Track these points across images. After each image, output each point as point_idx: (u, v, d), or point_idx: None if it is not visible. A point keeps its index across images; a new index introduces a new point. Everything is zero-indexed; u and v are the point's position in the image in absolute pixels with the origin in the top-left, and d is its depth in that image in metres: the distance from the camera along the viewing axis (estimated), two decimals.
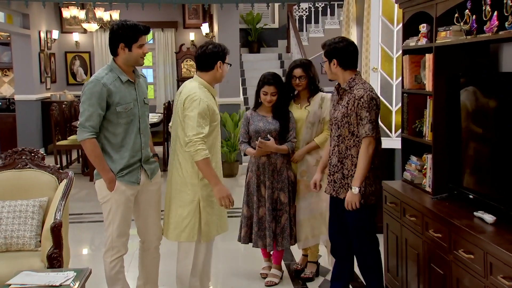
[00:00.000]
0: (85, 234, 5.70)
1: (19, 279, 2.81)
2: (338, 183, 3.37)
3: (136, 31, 3.22)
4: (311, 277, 4.22)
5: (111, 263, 3.37)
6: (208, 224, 3.41)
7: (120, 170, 3.27)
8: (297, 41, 10.06)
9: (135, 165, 3.33)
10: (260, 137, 3.99)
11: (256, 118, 4.11)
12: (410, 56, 3.70)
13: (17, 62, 9.77)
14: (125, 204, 3.31)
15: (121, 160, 3.27)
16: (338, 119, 3.35)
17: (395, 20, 5.23)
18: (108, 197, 3.30)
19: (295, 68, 4.09)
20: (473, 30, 2.96)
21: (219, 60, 3.39)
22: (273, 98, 4.01)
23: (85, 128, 3.18)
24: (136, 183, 3.34)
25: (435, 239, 3.05)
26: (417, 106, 3.67)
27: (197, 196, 3.36)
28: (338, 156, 3.37)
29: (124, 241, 3.38)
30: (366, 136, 3.23)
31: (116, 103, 3.20)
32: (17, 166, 3.75)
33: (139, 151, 3.34)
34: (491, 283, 2.48)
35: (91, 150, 3.22)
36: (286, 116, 4.04)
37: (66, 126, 9.23)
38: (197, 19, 11.75)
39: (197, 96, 3.27)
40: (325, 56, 3.39)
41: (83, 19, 9.32)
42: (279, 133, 4.02)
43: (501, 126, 2.82)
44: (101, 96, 3.15)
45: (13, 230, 3.45)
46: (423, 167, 3.61)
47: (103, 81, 3.18)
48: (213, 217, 3.44)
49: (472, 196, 3.08)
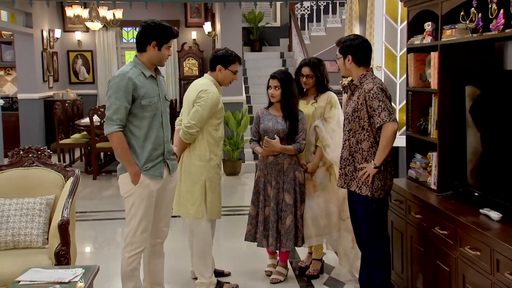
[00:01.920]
0: (88, 232, 5.72)
1: (28, 275, 2.83)
2: (349, 176, 3.43)
3: (170, 33, 3.35)
4: (315, 274, 4.23)
5: (129, 259, 3.36)
6: (212, 202, 3.84)
7: (145, 163, 3.30)
8: (299, 39, 10.07)
9: (159, 158, 3.36)
10: (267, 136, 4.00)
11: (267, 117, 4.10)
12: (415, 54, 3.72)
13: (20, 61, 9.79)
14: (148, 199, 3.32)
15: (144, 153, 3.31)
16: (349, 113, 3.41)
17: (399, 19, 5.24)
18: (131, 191, 3.30)
19: (303, 67, 4.13)
20: (479, 28, 2.97)
21: (219, 65, 3.89)
22: (276, 92, 4.00)
23: (113, 121, 3.22)
24: (160, 176, 3.36)
25: (441, 236, 3.06)
26: (422, 104, 3.68)
27: (203, 176, 3.79)
28: (349, 149, 3.42)
29: (145, 236, 3.38)
30: (384, 122, 3.24)
31: (141, 97, 3.25)
32: (24, 164, 3.77)
33: (161, 145, 3.38)
34: (498, 279, 2.50)
35: (118, 143, 3.25)
36: (295, 117, 4.01)
37: (69, 124, 9.26)
38: (199, 18, 11.76)
39: (210, 90, 3.77)
40: (340, 53, 3.45)
41: (86, 17, 9.33)
42: (287, 134, 3.99)
43: (506, 123, 2.83)
44: (127, 89, 3.20)
45: (20, 227, 3.47)
46: (428, 165, 3.62)
47: (129, 75, 3.23)
48: (216, 198, 3.88)
49: (478, 194, 3.10)
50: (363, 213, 3.41)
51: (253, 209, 4.14)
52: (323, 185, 4.10)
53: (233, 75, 3.95)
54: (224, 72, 3.90)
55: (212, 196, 3.84)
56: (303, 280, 4.21)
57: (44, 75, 10.24)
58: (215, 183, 3.87)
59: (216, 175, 3.87)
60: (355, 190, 3.38)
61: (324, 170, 4.10)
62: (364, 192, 3.34)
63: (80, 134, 9.07)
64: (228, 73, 3.92)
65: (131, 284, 3.42)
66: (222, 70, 3.89)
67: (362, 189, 3.35)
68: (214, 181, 3.86)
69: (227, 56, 3.91)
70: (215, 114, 3.82)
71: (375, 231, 3.41)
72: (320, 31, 11.05)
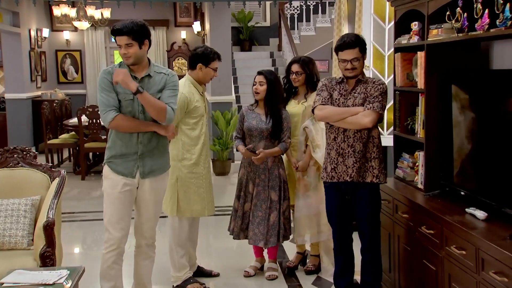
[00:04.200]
0: (77, 233, 5.68)
1: (12, 277, 2.79)
2: (363, 168, 3.38)
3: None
4: (314, 270, 4.26)
5: (104, 256, 3.39)
6: (183, 201, 3.87)
7: (111, 157, 3.36)
8: (289, 39, 10.07)
9: (129, 157, 3.35)
10: (248, 148, 4.04)
11: (251, 116, 4.12)
12: (402, 54, 3.72)
13: (7, 61, 9.71)
14: (114, 196, 3.39)
15: (113, 149, 3.38)
16: (359, 104, 3.35)
17: (387, 18, 5.25)
18: (103, 187, 3.41)
19: (292, 64, 4.17)
20: (464, 28, 2.98)
21: (200, 63, 3.87)
22: (260, 88, 4.03)
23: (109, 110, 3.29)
24: (125, 174, 3.35)
25: (427, 235, 3.07)
26: (409, 103, 3.69)
27: (174, 175, 3.83)
28: (362, 141, 3.37)
29: (120, 236, 3.37)
30: (373, 109, 3.28)
31: (118, 93, 3.32)
32: (9, 164, 3.72)
33: (135, 145, 3.37)
34: (483, 278, 2.51)
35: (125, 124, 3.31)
36: (279, 115, 4.03)
37: (57, 124, 9.18)
38: (188, 17, 11.72)
39: (179, 91, 3.57)
40: (361, 52, 3.35)
41: (74, 17, 9.26)
42: (271, 133, 4.04)
43: (492, 123, 2.84)
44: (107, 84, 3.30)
45: (5, 229, 3.43)
46: (415, 164, 3.63)
47: (107, 71, 3.32)
48: (191, 197, 3.88)
49: (464, 193, 3.11)
50: (375, 203, 3.46)
51: (237, 204, 4.18)
52: (314, 185, 4.11)
53: (214, 72, 3.95)
54: (204, 70, 3.89)
55: (184, 195, 3.86)
56: (291, 280, 4.20)
57: (32, 74, 10.16)
58: (188, 182, 3.87)
59: (190, 174, 3.87)
60: (372, 180, 3.38)
61: (315, 170, 4.10)
62: (382, 180, 3.41)
63: (68, 134, 9.01)
64: (209, 71, 3.91)
65: (109, 284, 3.40)
66: (202, 68, 3.88)
67: (380, 177, 3.40)
68: (187, 180, 3.87)
69: (206, 53, 3.89)
70: (189, 114, 3.83)
71: (378, 220, 3.49)
72: (310, 30, 11.06)
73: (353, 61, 3.31)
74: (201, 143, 3.91)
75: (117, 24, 3.23)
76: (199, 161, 3.91)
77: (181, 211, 3.90)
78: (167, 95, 3.31)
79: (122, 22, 3.23)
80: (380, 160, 3.40)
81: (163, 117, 3.26)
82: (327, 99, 3.44)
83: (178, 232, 3.98)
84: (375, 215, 3.47)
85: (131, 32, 3.19)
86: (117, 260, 3.41)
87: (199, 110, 3.87)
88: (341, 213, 3.52)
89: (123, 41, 3.19)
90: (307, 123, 4.05)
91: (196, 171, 3.90)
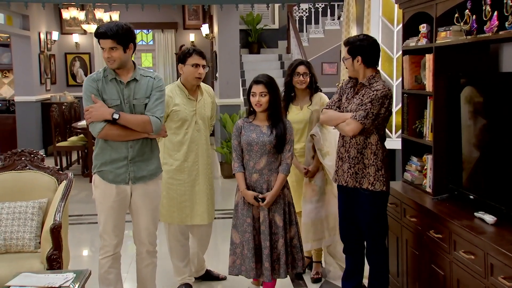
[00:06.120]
0: (84, 236, 5.69)
1: (18, 280, 2.80)
2: (360, 174, 3.35)
3: None
4: (320, 277, 4.22)
5: (100, 261, 3.39)
6: (164, 207, 3.79)
7: (100, 165, 3.30)
8: (297, 42, 10.05)
9: (118, 164, 3.28)
10: (256, 197, 3.47)
11: (249, 128, 3.55)
12: (410, 56, 3.70)
13: (17, 64, 9.77)
14: (105, 203, 3.36)
15: (101, 157, 3.32)
16: (353, 110, 3.33)
17: (395, 21, 5.22)
18: (94, 194, 3.37)
19: (299, 65, 4.08)
20: (473, 30, 2.95)
21: (180, 63, 3.82)
22: (263, 100, 3.46)
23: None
24: (113, 182, 3.30)
25: (436, 239, 3.04)
26: (417, 106, 3.66)
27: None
28: (357, 147, 3.34)
29: (115, 243, 3.36)
30: (354, 118, 3.25)
31: (105, 100, 3.26)
32: (17, 167, 3.74)
33: (124, 150, 3.32)
34: (492, 283, 2.48)
35: (115, 134, 3.23)
36: (283, 126, 3.53)
37: (66, 127, 9.22)
38: (197, 20, 11.75)
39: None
40: (349, 53, 3.37)
41: (82, 20, 9.32)
42: (275, 146, 3.49)
43: (501, 126, 2.81)
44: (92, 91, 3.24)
45: (12, 231, 3.44)
46: (423, 168, 3.60)
47: (92, 78, 3.27)
48: (170, 203, 3.82)
49: (473, 197, 3.07)
50: (376, 211, 3.37)
51: (236, 235, 3.60)
52: (322, 189, 4.09)
53: (195, 69, 3.75)
54: (184, 69, 3.78)
55: (164, 200, 3.77)
56: (299, 284, 4.18)
57: (42, 77, 10.22)
58: (168, 188, 3.80)
59: (170, 180, 3.79)
60: (368, 187, 3.33)
61: (323, 175, 4.08)
62: (378, 188, 3.31)
63: (77, 137, 9.05)
64: (188, 68, 3.76)
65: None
66: (182, 68, 3.80)
67: (376, 185, 3.31)
68: (167, 186, 3.79)
69: (183, 52, 3.84)
70: (170, 118, 3.75)
71: (384, 229, 3.44)
72: (319, 33, 11.02)
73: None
74: (185, 149, 3.78)
75: (101, 27, 3.14)
76: (183, 168, 3.80)
77: (163, 216, 3.85)
78: (152, 101, 3.24)
79: (107, 24, 3.15)
80: (377, 167, 3.31)
81: (150, 129, 3.21)
82: (335, 103, 3.48)
83: (167, 237, 3.98)
84: (376, 222, 3.38)
85: (115, 35, 3.08)
86: (114, 264, 3.39)
87: (179, 115, 3.75)
88: (347, 214, 3.51)
89: (107, 44, 3.10)
90: (314, 130, 3.99)
91: (178, 178, 3.81)
